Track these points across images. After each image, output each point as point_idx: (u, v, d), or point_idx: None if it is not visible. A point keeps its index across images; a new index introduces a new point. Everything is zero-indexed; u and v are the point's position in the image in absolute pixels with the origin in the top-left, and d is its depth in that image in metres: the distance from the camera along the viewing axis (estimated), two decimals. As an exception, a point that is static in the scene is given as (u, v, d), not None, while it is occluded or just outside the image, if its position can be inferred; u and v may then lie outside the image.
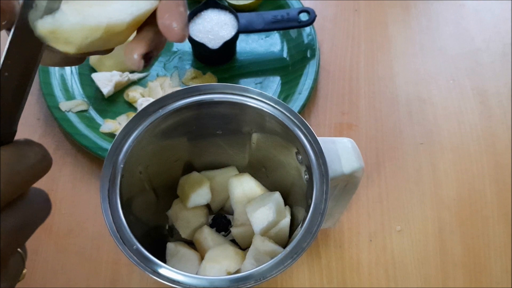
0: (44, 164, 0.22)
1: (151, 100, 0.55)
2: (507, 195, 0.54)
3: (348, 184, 0.40)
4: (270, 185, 0.46)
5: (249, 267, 0.40)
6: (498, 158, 0.57)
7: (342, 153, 0.38)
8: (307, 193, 0.38)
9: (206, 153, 0.46)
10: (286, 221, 0.42)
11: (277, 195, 0.43)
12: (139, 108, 0.55)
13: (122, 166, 0.36)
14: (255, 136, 0.43)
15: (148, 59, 0.25)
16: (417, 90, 0.62)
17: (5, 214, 0.20)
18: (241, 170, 0.48)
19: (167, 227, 0.48)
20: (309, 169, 0.37)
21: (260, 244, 0.41)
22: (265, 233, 0.42)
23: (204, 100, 0.39)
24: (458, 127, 0.59)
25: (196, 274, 0.36)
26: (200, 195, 0.45)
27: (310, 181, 0.37)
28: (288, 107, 0.38)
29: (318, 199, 0.35)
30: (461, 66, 0.64)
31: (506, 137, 0.58)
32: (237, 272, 0.41)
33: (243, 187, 0.44)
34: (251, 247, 0.41)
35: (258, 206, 0.42)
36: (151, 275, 0.32)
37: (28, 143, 0.22)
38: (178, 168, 0.47)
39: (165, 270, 0.32)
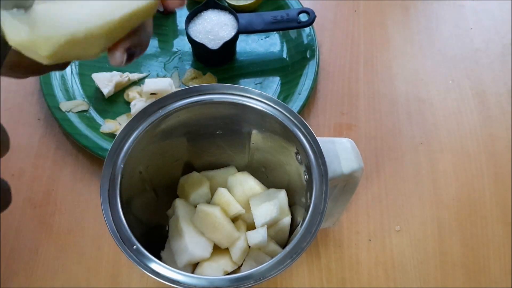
0: None
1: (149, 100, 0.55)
2: (506, 195, 0.54)
3: (348, 184, 0.40)
4: (269, 185, 0.46)
5: (249, 267, 0.40)
6: (497, 158, 0.57)
7: (341, 153, 0.38)
8: (306, 193, 0.39)
9: (206, 153, 0.46)
10: (286, 220, 0.43)
11: (283, 194, 0.43)
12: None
13: (122, 166, 0.36)
14: (254, 136, 0.43)
15: (131, 55, 0.24)
16: (416, 90, 0.62)
17: None
18: (241, 170, 0.48)
19: (167, 227, 0.48)
20: (308, 169, 0.37)
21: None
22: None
23: (204, 101, 0.39)
24: (457, 128, 0.59)
25: (193, 272, 0.36)
26: (200, 195, 0.45)
27: (310, 181, 0.37)
28: (288, 107, 0.38)
29: (317, 199, 0.35)
30: (460, 66, 0.64)
31: (505, 137, 0.58)
32: (234, 271, 0.41)
33: (243, 185, 0.44)
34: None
35: (263, 201, 0.42)
36: (151, 275, 0.32)
37: None
38: (178, 168, 0.47)
39: (165, 269, 0.32)
